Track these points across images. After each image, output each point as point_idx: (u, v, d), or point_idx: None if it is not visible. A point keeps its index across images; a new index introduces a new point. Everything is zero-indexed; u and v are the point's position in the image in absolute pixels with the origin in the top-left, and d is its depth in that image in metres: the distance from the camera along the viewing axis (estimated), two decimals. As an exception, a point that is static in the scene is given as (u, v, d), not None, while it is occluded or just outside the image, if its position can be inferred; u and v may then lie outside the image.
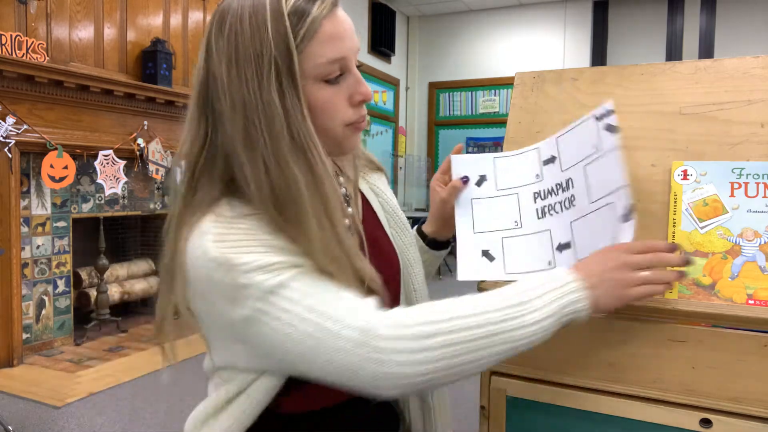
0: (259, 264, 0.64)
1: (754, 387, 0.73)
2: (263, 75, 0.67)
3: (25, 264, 3.37)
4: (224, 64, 0.68)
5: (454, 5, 7.54)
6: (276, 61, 0.67)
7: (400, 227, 0.92)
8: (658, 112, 0.89)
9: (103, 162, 3.65)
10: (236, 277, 0.64)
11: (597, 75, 0.97)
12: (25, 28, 3.27)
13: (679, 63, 0.92)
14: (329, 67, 0.70)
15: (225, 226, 0.67)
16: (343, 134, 0.75)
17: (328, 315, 0.64)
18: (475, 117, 7.84)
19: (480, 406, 0.89)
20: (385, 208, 0.92)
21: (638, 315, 0.79)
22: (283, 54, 0.67)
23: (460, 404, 2.84)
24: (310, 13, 0.69)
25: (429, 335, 0.63)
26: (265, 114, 0.67)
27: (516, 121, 0.99)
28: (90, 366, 3.28)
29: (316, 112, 0.71)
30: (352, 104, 0.74)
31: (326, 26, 0.70)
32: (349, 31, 0.73)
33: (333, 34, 0.70)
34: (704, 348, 0.75)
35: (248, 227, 0.67)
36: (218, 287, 0.65)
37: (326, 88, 0.71)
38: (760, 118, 0.83)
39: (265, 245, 0.66)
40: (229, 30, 0.68)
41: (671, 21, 6.76)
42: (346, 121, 0.74)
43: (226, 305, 0.65)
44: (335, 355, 0.63)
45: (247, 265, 0.64)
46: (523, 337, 0.65)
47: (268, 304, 0.64)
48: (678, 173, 0.82)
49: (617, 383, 0.80)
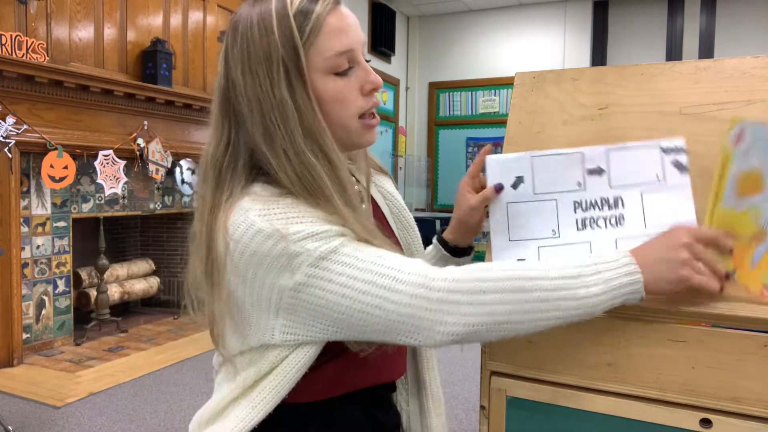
0: (309, 232, 0.67)
1: (754, 387, 0.73)
2: (273, 74, 0.72)
3: (25, 264, 3.37)
4: (239, 69, 0.74)
5: (454, 5, 7.54)
6: (283, 60, 0.72)
7: (407, 227, 0.95)
8: (658, 112, 0.89)
9: (103, 162, 3.65)
10: (288, 246, 0.67)
11: (597, 75, 0.97)
12: (25, 28, 3.27)
13: (679, 63, 0.92)
14: (338, 59, 0.75)
15: (266, 203, 0.71)
16: (356, 126, 0.79)
17: (381, 273, 0.68)
18: (475, 117, 7.84)
19: (480, 406, 0.89)
20: (392, 210, 0.95)
21: (638, 315, 0.79)
22: (290, 52, 0.72)
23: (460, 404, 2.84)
24: (314, 10, 0.74)
25: (482, 291, 0.67)
26: (279, 110, 0.72)
27: (516, 121, 0.99)
28: (90, 366, 3.28)
29: (330, 105, 0.76)
30: (363, 94, 0.78)
31: (331, 21, 0.75)
32: (353, 25, 0.77)
33: (338, 28, 0.75)
34: (704, 348, 0.75)
35: (288, 203, 0.71)
36: (268, 258, 0.68)
37: (337, 80, 0.76)
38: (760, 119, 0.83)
39: (310, 215, 0.70)
40: (241, 38, 0.74)
41: (671, 21, 6.76)
42: (359, 110, 0.78)
43: (277, 275, 0.68)
44: (389, 306, 0.67)
45: (298, 234, 0.67)
46: (572, 308, 0.68)
47: (321, 269, 0.67)
48: (732, 136, 0.77)
49: (617, 383, 0.80)
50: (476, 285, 0.67)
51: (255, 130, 0.74)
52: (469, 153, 7.89)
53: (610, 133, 0.91)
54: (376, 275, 0.67)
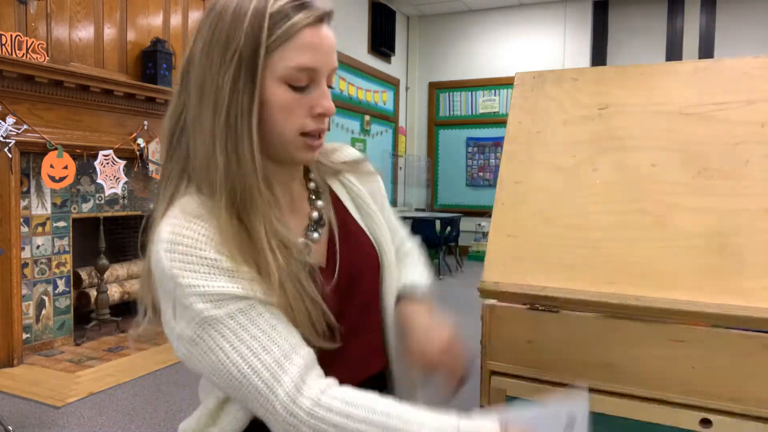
0: (201, 291, 0.67)
1: (754, 387, 0.73)
2: (226, 59, 0.72)
3: (25, 264, 3.37)
4: (200, 46, 0.74)
5: (454, 5, 7.54)
6: (241, 52, 0.71)
7: (373, 219, 0.92)
8: (658, 112, 0.89)
9: (103, 162, 3.65)
10: (180, 295, 0.67)
11: (597, 75, 0.97)
12: (25, 28, 3.27)
13: (679, 63, 0.92)
14: (296, 73, 0.73)
15: (179, 232, 0.70)
16: (295, 142, 0.77)
17: (257, 368, 0.67)
18: (475, 117, 7.84)
19: (480, 405, 0.89)
20: (356, 202, 0.93)
21: (638, 315, 0.79)
22: (250, 48, 0.71)
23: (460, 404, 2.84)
24: (291, 17, 0.72)
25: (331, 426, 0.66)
26: (213, 95, 0.72)
27: (516, 121, 0.99)
28: (90, 366, 3.28)
29: (274, 112, 0.74)
30: (312, 115, 0.76)
31: (305, 34, 0.73)
32: (327, 47, 0.75)
33: (309, 44, 0.73)
34: (704, 348, 0.75)
35: (202, 234, 0.70)
36: (167, 297, 0.70)
37: (289, 92, 0.74)
38: (760, 118, 0.83)
39: (212, 267, 0.68)
40: (213, 17, 0.74)
41: (671, 21, 6.76)
42: (301, 128, 0.76)
43: (173, 317, 0.70)
44: (252, 403, 0.68)
45: (190, 288, 0.67)
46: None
47: (204, 332, 0.68)
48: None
49: (617, 383, 0.79)
50: (339, 423, 0.66)
51: (191, 108, 0.74)
52: (469, 153, 7.88)
53: (610, 133, 0.91)
54: (253, 367, 0.67)
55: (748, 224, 0.78)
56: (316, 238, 0.84)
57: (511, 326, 0.87)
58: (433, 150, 8.15)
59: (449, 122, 8.02)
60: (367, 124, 7.15)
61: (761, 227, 0.78)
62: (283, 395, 0.67)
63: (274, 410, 0.67)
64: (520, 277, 0.89)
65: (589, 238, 0.89)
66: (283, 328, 0.70)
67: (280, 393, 0.67)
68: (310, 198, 0.88)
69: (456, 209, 7.69)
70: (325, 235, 0.85)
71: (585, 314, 0.83)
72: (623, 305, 0.79)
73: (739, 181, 0.81)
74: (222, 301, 0.68)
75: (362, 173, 0.96)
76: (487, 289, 0.90)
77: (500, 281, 0.90)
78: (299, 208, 0.86)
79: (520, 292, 0.87)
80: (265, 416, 0.68)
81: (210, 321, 0.67)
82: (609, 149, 0.91)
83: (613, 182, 0.91)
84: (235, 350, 0.67)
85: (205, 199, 0.74)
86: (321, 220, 0.86)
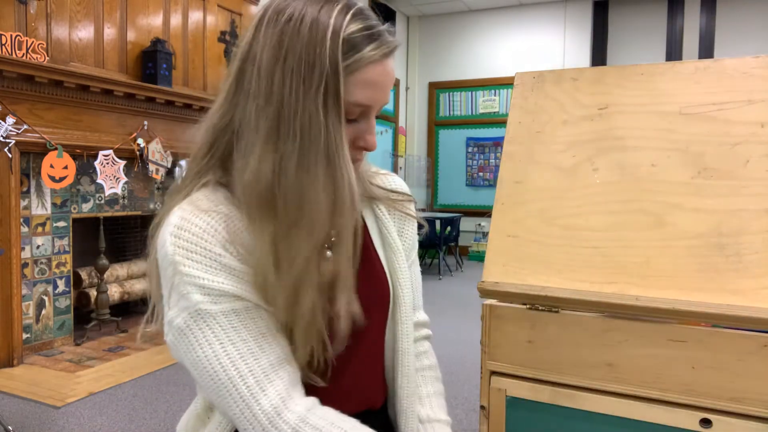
0: (200, 283, 0.66)
1: (754, 387, 0.73)
2: (312, 86, 0.65)
3: (25, 264, 3.37)
4: (269, 52, 0.67)
5: (454, 5, 7.54)
6: (327, 78, 0.66)
7: (394, 251, 0.88)
8: (658, 112, 0.89)
9: (103, 162, 3.65)
10: (178, 282, 0.66)
11: (597, 75, 0.97)
12: (25, 28, 3.27)
13: (679, 63, 0.92)
14: (353, 108, 0.69)
15: (189, 219, 0.68)
16: None
17: (241, 371, 0.66)
18: (475, 117, 7.84)
19: (480, 406, 0.89)
20: (381, 230, 0.89)
21: (638, 315, 0.79)
22: (334, 75, 0.66)
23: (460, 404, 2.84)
24: (361, 50, 0.68)
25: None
26: (303, 122, 0.66)
27: (516, 121, 0.99)
28: (90, 366, 3.28)
29: None
30: (355, 146, 0.73)
31: (370, 71, 0.69)
32: (387, 85, 0.71)
33: (372, 82, 0.69)
34: (704, 348, 0.75)
35: (211, 226, 0.68)
36: (166, 282, 0.68)
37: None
38: (760, 118, 0.83)
39: (214, 261, 0.67)
40: (285, 23, 0.67)
41: (671, 21, 6.76)
42: None
43: (167, 302, 0.68)
44: (229, 406, 0.66)
45: (189, 278, 0.66)
46: None
47: (195, 325, 0.66)
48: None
49: (617, 383, 0.80)
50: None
51: (259, 122, 0.67)
52: (469, 153, 7.88)
53: (610, 133, 0.91)
54: (240, 371, 0.66)
55: (748, 224, 0.78)
56: (329, 256, 0.79)
57: (511, 326, 0.87)
58: (433, 150, 8.16)
59: (449, 122, 8.02)
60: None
61: (761, 227, 0.78)
62: (267, 406, 0.65)
63: (254, 419, 0.65)
64: (520, 277, 0.89)
65: (589, 238, 0.89)
66: (274, 339, 0.69)
67: (264, 404, 0.65)
68: None
69: (456, 209, 7.69)
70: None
71: (585, 314, 0.83)
72: (623, 305, 0.79)
73: (739, 181, 0.81)
74: (219, 297, 0.66)
75: (401, 209, 0.91)
76: (487, 289, 0.90)
77: (500, 281, 0.90)
78: None
79: (520, 292, 0.87)
80: (242, 423, 0.66)
81: (204, 314, 0.66)
82: (609, 149, 0.91)
83: (613, 182, 0.91)
84: (223, 350, 0.66)
85: (230, 195, 0.71)
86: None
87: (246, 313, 0.67)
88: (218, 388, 0.66)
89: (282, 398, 0.66)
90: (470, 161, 7.88)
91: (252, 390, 0.66)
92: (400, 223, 0.91)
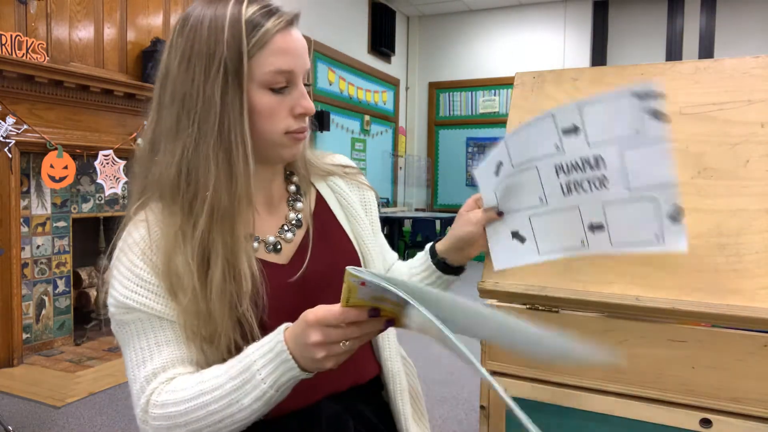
0: (115, 296, 0.76)
1: (754, 387, 0.73)
2: (211, 71, 0.73)
3: (25, 264, 3.37)
4: (177, 59, 0.76)
5: (454, 5, 7.54)
6: (226, 61, 0.73)
7: (357, 220, 0.94)
8: (658, 112, 0.89)
9: (103, 162, 3.65)
10: (108, 288, 0.78)
11: (597, 75, 0.97)
12: (25, 28, 3.27)
13: (679, 63, 0.92)
14: (276, 77, 0.76)
15: (130, 231, 0.78)
16: (281, 141, 0.80)
17: (133, 373, 0.77)
18: (475, 117, 7.84)
19: (480, 406, 0.89)
20: (341, 202, 0.94)
21: (638, 315, 0.79)
22: (235, 56, 0.74)
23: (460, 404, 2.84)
24: (263, 25, 0.75)
25: (176, 425, 0.72)
26: (202, 107, 0.74)
27: (516, 121, 0.99)
28: (90, 366, 3.28)
29: (258, 116, 0.77)
30: (293, 115, 0.79)
31: (278, 40, 0.76)
32: (299, 48, 0.78)
33: (283, 48, 0.76)
34: (704, 348, 0.75)
35: (140, 236, 0.77)
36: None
37: (270, 95, 0.77)
38: (760, 118, 0.83)
39: (130, 271, 0.76)
40: (189, 30, 0.76)
41: (671, 21, 6.76)
42: (285, 128, 0.79)
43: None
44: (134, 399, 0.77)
45: (111, 289, 0.77)
46: (245, 417, 0.70)
47: (117, 327, 0.79)
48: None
49: (617, 383, 0.80)
50: (171, 418, 0.72)
51: (165, 123, 0.77)
52: (469, 153, 7.88)
53: (610, 133, 0.91)
54: (134, 375, 0.76)
55: (748, 224, 0.78)
56: (289, 237, 0.86)
57: (511, 326, 0.87)
58: (433, 150, 8.15)
59: (449, 122, 8.02)
60: (367, 124, 7.15)
61: (761, 227, 0.78)
62: (143, 403, 0.75)
63: (138, 414, 0.76)
64: (520, 277, 0.89)
65: (589, 238, 0.89)
66: (167, 347, 0.76)
67: (142, 403, 0.75)
68: (289, 199, 0.90)
69: (456, 209, 7.64)
70: (300, 236, 0.87)
71: (585, 314, 0.83)
72: (623, 305, 0.79)
73: (739, 181, 0.81)
74: (128, 311, 0.76)
75: (354, 181, 0.98)
76: (487, 289, 0.90)
77: (500, 281, 0.90)
78: (277, 208, 0.88)
79: (520, 292, 0.87)
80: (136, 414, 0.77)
81: (119, 322, 0.77)
82: (609, 149, 0.91)
83: (613, 182, 0.91)
84: (130, 352, 0.77)
85: (166, 205, 0.78)
86: (298, 221, 0.88)
87: (147, 323, 0.76)
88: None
89: (147, 400, 0.74)
90: (470, 161, 7.88)
91: (138, 393, 0.76)
92: (360, 195, 0.98)
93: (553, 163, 0.81)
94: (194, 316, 0.74)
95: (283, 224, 0.87)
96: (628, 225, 0.78)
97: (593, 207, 0.80)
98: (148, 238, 0.77)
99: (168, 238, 0.76)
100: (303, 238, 0.87)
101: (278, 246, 0.85)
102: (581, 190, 0.80)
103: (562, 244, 0.84)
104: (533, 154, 0.83)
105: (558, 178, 0.82)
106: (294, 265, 0.84)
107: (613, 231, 0.79)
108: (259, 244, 0.84)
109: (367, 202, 0.98)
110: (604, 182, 0.78)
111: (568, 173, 0.81)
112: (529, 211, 0.86)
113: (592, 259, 0.84)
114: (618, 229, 0.79)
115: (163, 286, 0.75)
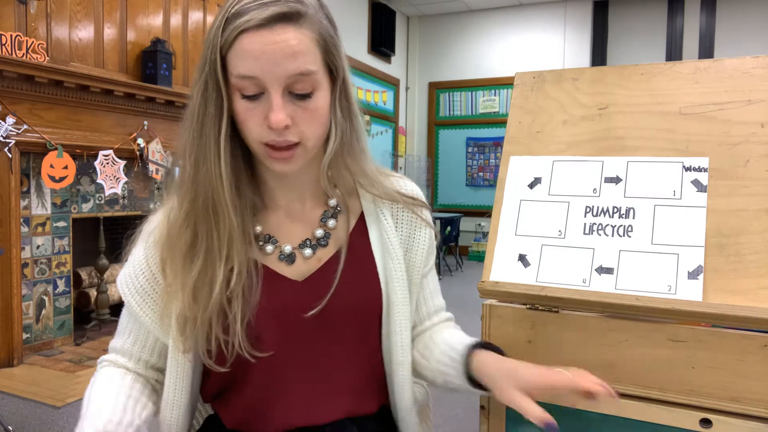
0: (120, 278, 0.84)
1: (754, 387, 0.73)
2: (199, 74, 0.73)
3: (25, 264, 3.37)
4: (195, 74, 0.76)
5: (454, 5, 7.54)
6: (208, 63, 0.70)
7: (392, 257, 0.84)
8: (658, 112, 0.89)
9: (103, 162, 3.65)
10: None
11: (597, 75, 0.97)
12: (25, 28, 3.27)
13: (679, 63, 0.92)
14: (241, 81, 0.69)
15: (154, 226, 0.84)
16: (260, 151, 0.74)
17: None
18: (475, 117, 7.84)
19: (480, 406, 0.89)
20: (382, 235, 0.85)
21: (638, 315, 0.79)
22: (211, 57, 0.69)
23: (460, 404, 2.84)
24: (235, 21, 0.67)
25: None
26: (189, 108, 0.74)
27: (516, 121, 0.99)
28: (90, 366, 3.28)
29: (237, 120, 0.73)
30: (266, 125, 0.70)
31: (243, 41, 0.67)
32: (267, 53, 0.66)
33: (247, 51, 0.67)
34: (704, 348, 0.75)
35: (151, 226, 0.84)
36: None
37: (243, 101, 0.71)
38: (760, 118, 0.83)
39: (137, 261, 0.83)
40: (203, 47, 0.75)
41: (671, 21, 6.76)
42: (258, 138, 0.72)
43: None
44: None
45: (120, 270, 0.85)
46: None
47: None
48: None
49: (617, 383, 0.80)
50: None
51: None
52: (469, 153, 7.88)
53: (610, 133, 0.91)
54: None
55: (748, 224, 0.78)
56: (307, 254, 0.81)
57: (511, 326, 0.87)
58: (433, 150, 8.15)
59: (449, 122, 8.02)
60: (367, 124, 7.15)
61: (761, 227, 0.78)
62: (100, 359, 0.89)
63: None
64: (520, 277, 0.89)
65: (589, 238, 0.89)
66: (128, 333, 0.85)
67: (100, 358, 0.89)
68: (325, 212, 0.84)
69: (456, 209, 7.68)
70: (322, 255, 0.82)
71: (585, 314, 0.83)
72: (623, 305, 0.79)
73: (739, 181, 0.81)
74: (122, 289, 0.84)
75: (415, 216, 0.88)
76: (487, 289, 0.90)
77: (500, 281, 0.90)
78: (308, 217, 0.84)
79: (520, 292, 0.87)
80: None
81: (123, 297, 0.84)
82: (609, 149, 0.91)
83: (613, 182, 0.91)
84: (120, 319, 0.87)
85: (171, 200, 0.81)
86: (325, 239, 0.83)
87: (126, 306, 0.84)
88: None
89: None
90: (470, 161, 7.88)
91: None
92: (410, 230, 0.88)
93: (585, 204, 0.87)
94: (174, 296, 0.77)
95: (308, 239, 0.82)
96: (641, 273, 0.81)
97: (609, 252, 0.83)
98: (151, 229, 0.83)
99: (159, 232, 0.82)
100: (330, 259, 0.81)
101: (293, 258, 0.81)
102: (603, 234, 0.85)
103: (563, 279, 0.85)
104: (571, 190, 0.89)
105: (584, 218, 0.87)
106: (310, 285, 0.79)
107: (621, 276, 0.82)
108: (274, 249, 0.81)
109: (419, 240, 0.88)
110: (628, 231, 0.83)
111: (595, 215, 0.86)
112: (544, 240, 0.88)
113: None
114: (627, 275, 0.81)
115: (152, 271, 0.81)
